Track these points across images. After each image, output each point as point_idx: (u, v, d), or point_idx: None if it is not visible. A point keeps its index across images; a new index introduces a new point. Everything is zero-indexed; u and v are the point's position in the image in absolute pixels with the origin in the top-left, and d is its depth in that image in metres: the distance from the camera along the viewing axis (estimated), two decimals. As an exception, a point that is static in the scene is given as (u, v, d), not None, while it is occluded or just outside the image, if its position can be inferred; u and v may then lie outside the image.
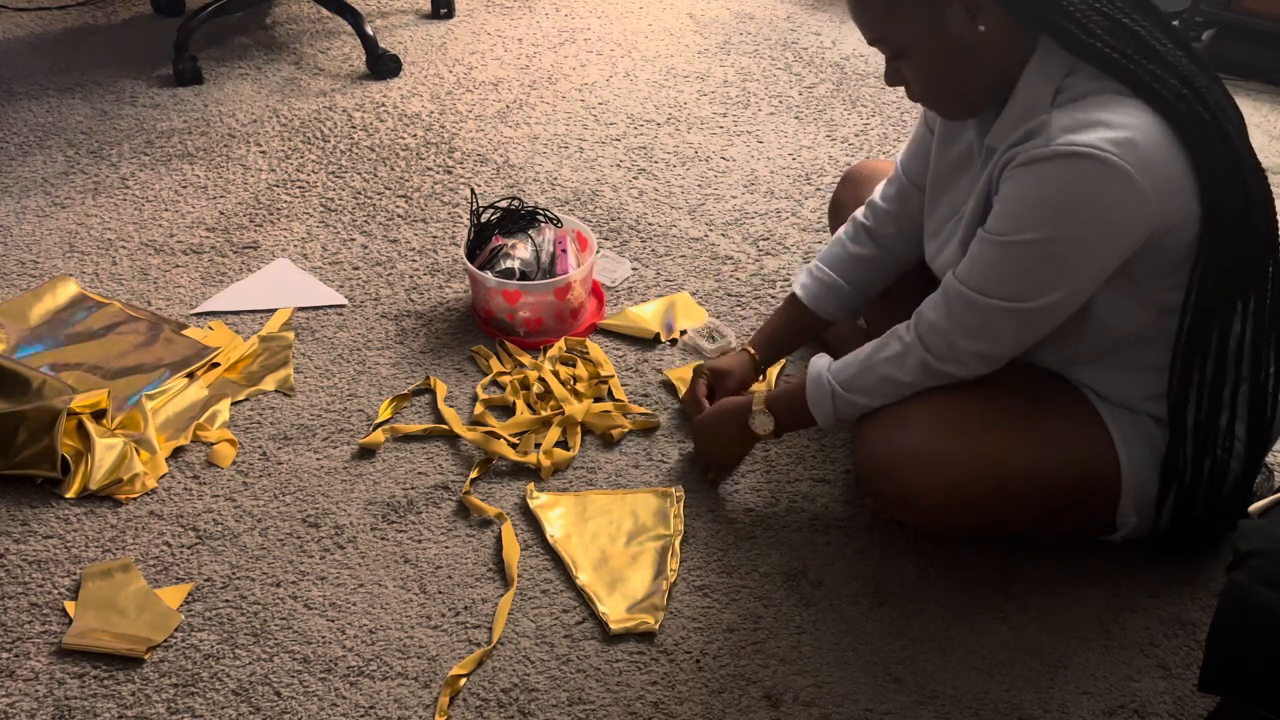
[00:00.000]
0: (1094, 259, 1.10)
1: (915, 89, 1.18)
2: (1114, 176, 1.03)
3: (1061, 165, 1.05)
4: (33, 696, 1.17)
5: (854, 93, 2.41)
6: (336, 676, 1.19)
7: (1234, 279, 1.12)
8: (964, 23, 1.09)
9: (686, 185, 2.07)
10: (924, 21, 1.10)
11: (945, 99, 1.19)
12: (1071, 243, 1.08)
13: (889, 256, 1.44)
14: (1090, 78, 1.09)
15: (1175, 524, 1.24)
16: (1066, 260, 1.10)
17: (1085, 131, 1.05)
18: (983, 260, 1.14)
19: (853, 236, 1.45)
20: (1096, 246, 1.09)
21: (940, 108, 1.21)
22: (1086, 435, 1.22)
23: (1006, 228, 1.11)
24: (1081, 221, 1.07)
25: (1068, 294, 1.12)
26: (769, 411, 1.33)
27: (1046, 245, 1.09)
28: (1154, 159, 1.05)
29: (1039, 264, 1.11)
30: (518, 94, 2.38)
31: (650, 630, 1.24)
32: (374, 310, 1.73)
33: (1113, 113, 1.06)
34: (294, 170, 2.08)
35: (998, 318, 1.14)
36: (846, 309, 1.47)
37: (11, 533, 1.34)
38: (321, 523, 1.37)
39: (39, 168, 2.07)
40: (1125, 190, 1.04)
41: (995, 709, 1.18)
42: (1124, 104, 1.06)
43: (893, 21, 1.12)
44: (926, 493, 1.21)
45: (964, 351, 1.18)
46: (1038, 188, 1.08)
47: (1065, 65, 1.10)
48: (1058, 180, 1.06)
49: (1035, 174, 1.07)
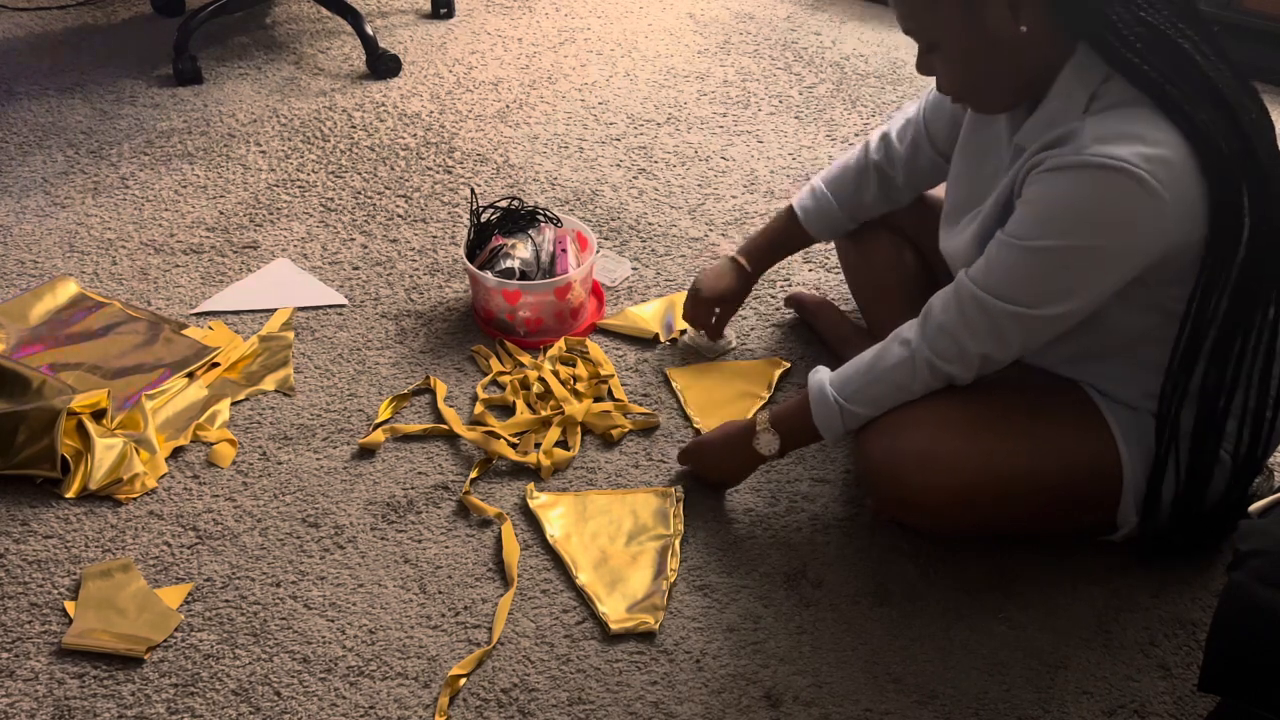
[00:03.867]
0: (1111, 272, 1.09)
1: (945, 82, 1.16)
2: (1144, 194, 1.02)
3: (1093, 176, 1.04)
4: (33, 696, 1.17)
5: (854, 93, 2.41)
6: (336, 676, 1.19)
7: (1247, 294, 1.11)
8: (1004, 21, 1.07)
9: (686, 185, 2.07)
10: (964, 16, 1.08)
11: (976, 95, 1.17)
12: (1091, 253, 1.08)
13: (885, 195, 1.47)
14: (1126, 86, 1.07)
15: (1175, 524, 1.24)
16: (1083, 270, 1.09)
17: (1120, 145, 1.03)
18: (1000, 263, 1.13)
19: (860, 167, 1.47)
20: (1115, 260, 1.08)
21: (969, 101, 1.20)
22: (1088, 436, 1.21)
23: (1028, 231, 1.10)
24: (1105, 234, 1.06)
25: (1079, 304, 1.11)
26: (773, 430, 1.31)
27: (1066, 253, 1.08)
28: (1182, 179, 1.04)
29: (1055, 271, 1.10)
30: (518, 94, 2.38)
31: (650, 630, 1.24)
32: (374, 310, 1.73)
33: (1147, 127, 1.04)
34: (294, 170, 2.08)
35: (1008, 322, 1.14)
36: (838, 232, 1.53)
37: (11, 533, 1.34)
38: (321, 523, 1.37)
39: (39, 168, 2.07)
40: (1153, 208, 1.03)
41: (995, 709, 1.18)
42: (1156, 120, 1.05)
43: (933, 13, 1.10)
44: (927, 494, 1.21)
45: (971, 353, 1.17)
46: (1065, 195, 1.06)
47: (1102, 72, 1.08)
48: (1087, 190, 1.05)
49: (1064, 181, 1.06)
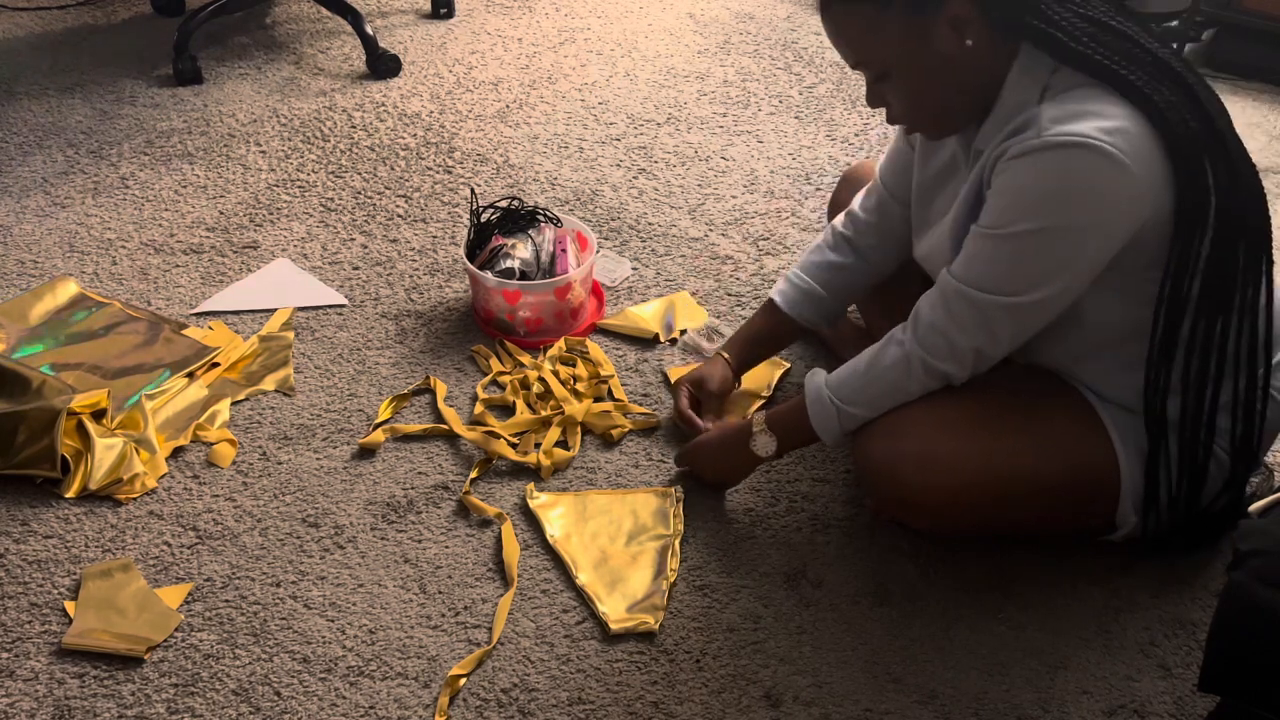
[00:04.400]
0: (1087, 249, 1.09)
1: (897, 110, 1.17)
2: (1107, 165, 1.03)
3: (1055, 155, 1.04)
4: (33, 696, 1.17)
5: (854, 93, 2.41)
6: (336, 676, 1.19)
7: (1219, 276, 1.11)
8: (950, 39, 1.08)
9: (686, 185, 2.07)
10: (908, 40, 1.09)
11: (928, 119, 1.18)
12: (1065, 233, 1.08)
13: (868, 266, 1.45)
14: (1075, 74, 1.08)
15: (1175, 524, 1.24)
16: (1060, 251, 1.09)
17: (1077, 121, 1.04)
18: (978, 255, 1.13)
19: (833, 245, 1.46)
20: (1090, 236, 1.08)
21: (923, 128, 1.20)
22: (1085, 436, 1.21)
23: (1001, 220, 1.10)
24: (1075, 211, 1.06)
25: (1061, 288, 1.11)
26: (770, 432, 1.31)
27: (1040, 236, 1.08)
28: (1143, 150, 1.04)
29: (1034, 256, 1.10)
30: (518, 94, 2.38)
31: (650, 630, 1.24)
32: (374, 310, 1.73)
33: (1102, 105, 1.05)
34: (294, 170, 2.08)
35: (994, 313, 1.14)
36: (825, 314, 1.48)
37: (11, 533, 1.34)
38: (321, 523, 1.37)
39: (39, 168, 2.07)
40: (1119, 179, 1.04)
41: (995, 709, 1.18)
42: (1110, 98, 1.06)
43: (875, 41, 1.10)
44: (926, 494, 1.21)
45: (962, 348, 1.17)
46: (1031, 178, 1.07)
47: (1049, 66, 1.10)
48: (1051, 170, 1.05)
49: (1028, 165, 1.07)
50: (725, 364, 1.50)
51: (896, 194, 1.39)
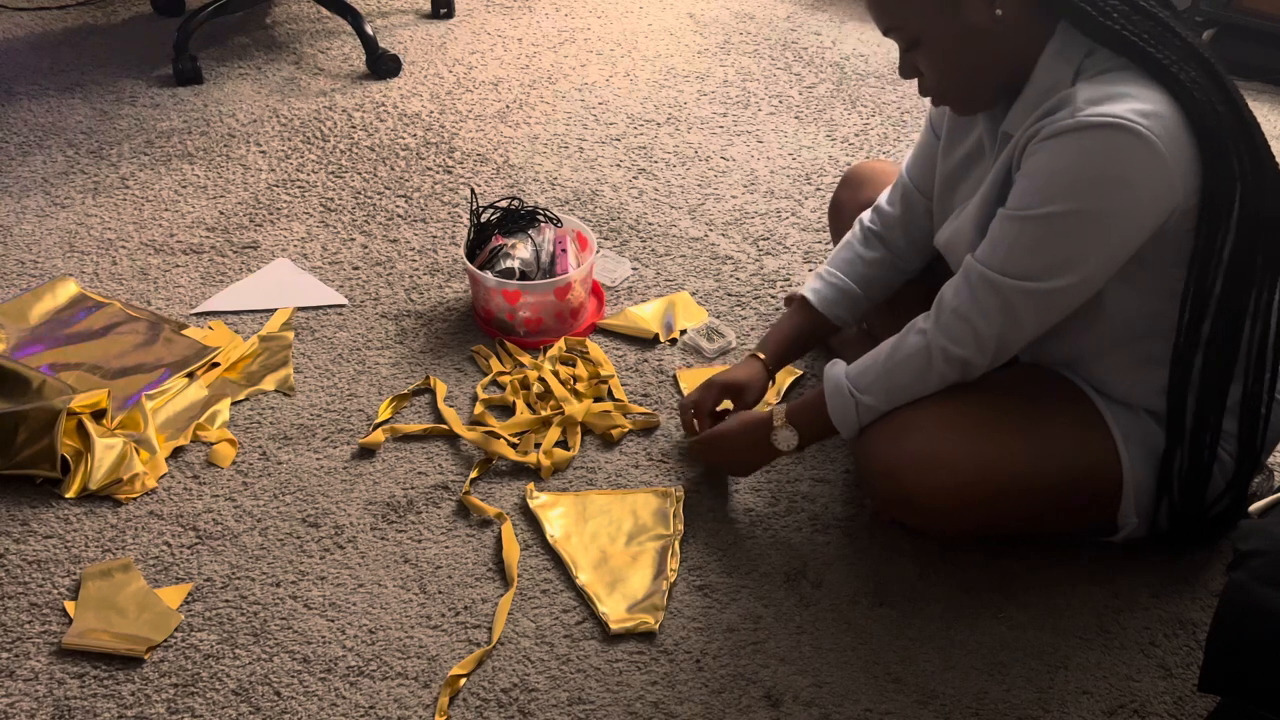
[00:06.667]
0: (1115, 235, 1.08)
1: (929, 81, 1.17)
2: (1141, 148, 1.02)
3: (1089, 136, 1.04)
4: (33, 696, 1.17)
5: (854, 93, 2.41)
6: (336, 676, 1.19)
7: (1239, 273, 1.11)
8: (980, 8, 1.08)
9: (686, 185, 2.07)
10: (940, 7, 1.09)
11: (960, 91, 1.17)
12: (1096, 216, 1.06)
13: (898, 261, 1.44)
14: (1110, 56, 1.08)
15: (1175, 524, 1.24)
16: (1089, 235, 1.08)
17: (1111, 103, 1.03)
18: (1004, 238, 1.12)
19: (863, 241, 1.44)
20: (1120, 220, 1.07)
21: (954, 101, 1.19)
22: (1088, 437, 1.21)
23: (1030, 201, 1.09)
24: (1106, 194, 1.05)
25: (1087, 274, 1.10)
26: (791, 426, 1.29)
27: (1070, 219, 1.07)
28: (1176, 135, 1.04)
29: (1060, 239, 1.09)
30: (518, 94, 2.38)
31: (650, 630, 1.24)
32: (374, 310, 1.73)
33: (1136, 88, 1.05)
34: (294, 170, 2.08)
35: (1018, 299, 1.12)
36: (857, 313, 1.46)
37: (11, 533, 1.34)
38: (321, 523, 1.37)
39: (39, 168, 2.07)
40: (1152, 163, 1.03)
41: (995, 709, 1.18)
42: (1144, 81, 1.06)
43: (907, 8, 1.11)
44: (928, 495, 1.21)
45: (985, 335, 1.16)
46: (1065, 159, 1.06)
47: (1084, 47, 1.09)
48: (1085, 151, 1.04)
49: (1061, 146, 1.06)
50: (763, 368, 1.44)
51: (922, 187, 1.38)
